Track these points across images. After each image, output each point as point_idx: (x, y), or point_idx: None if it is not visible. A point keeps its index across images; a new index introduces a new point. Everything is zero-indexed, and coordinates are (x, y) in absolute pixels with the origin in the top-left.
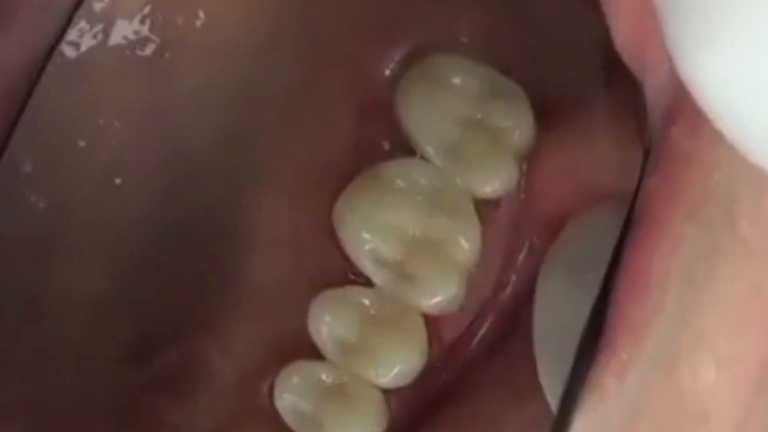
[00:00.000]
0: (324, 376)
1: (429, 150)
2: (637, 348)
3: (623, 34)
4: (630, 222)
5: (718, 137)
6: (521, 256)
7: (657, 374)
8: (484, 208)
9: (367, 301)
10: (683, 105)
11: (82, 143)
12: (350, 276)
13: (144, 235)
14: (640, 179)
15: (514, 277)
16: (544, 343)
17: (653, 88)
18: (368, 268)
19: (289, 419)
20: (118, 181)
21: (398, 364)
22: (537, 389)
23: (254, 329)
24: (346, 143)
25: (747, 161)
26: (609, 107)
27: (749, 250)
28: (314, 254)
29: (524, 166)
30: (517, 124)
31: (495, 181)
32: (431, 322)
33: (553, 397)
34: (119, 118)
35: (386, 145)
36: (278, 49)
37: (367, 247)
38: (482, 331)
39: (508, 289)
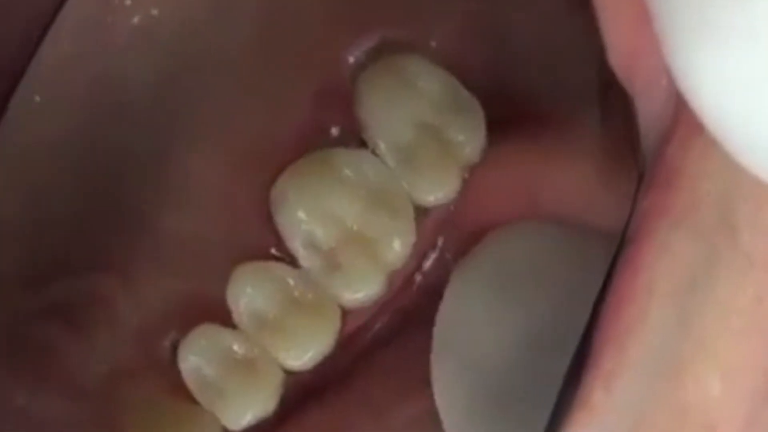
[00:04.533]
0: (235, 346)
1: (381, 145)
2: (622, 356)
3: (617, 49)
4: (622, 245)
5: (708, 150)
6: (431, 261)
7: (659, 384)
8: (416, 212)
9: (291, 281)
10: (678, 125)
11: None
12: (273, 252)
13: (60, 160)
14: (633, 203)
15: (419, 279)
16: (444, 342)
17: (647, 113)
18: (299, 250)
19: (190, 380)
20: (37, 98)
21: (311, 349)
22: (426, 387)
23: (168, 283)
24: (297, 122)
25: (744, 173)
26: (587, 131)
27: (751, 261)
28: (244, 223)
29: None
30: (469, 140)
31: (439, 191)
32: None
33: (441, 397)
34: (54, 33)
35: (335, 132)
36: (241, 11)
37: (303, 228)
38: (379, 325)
39: (412, 289)
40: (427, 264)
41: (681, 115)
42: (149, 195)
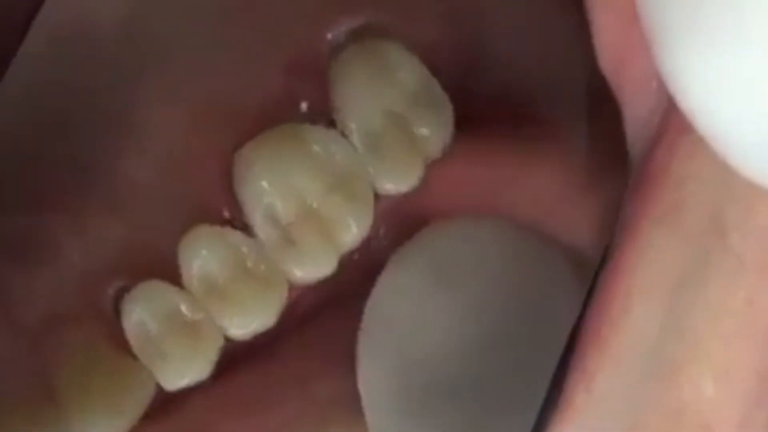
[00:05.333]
0: (183, 307)
1: (352, 128)
2: (603, 356)
3: (607, 50)
4: (607, 248)
5: (695, 150)
6: (371, 243)
7: (650, 385)
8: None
9: (245, 250)
10: (667, 130)
11: None
12: (227, 217)
13: (20, 94)
14: (620, 207)
15: (356, 258)
16: (372, 326)
17: (637, 119)
18: (256, 219)
19: (132, 334)
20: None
21: (255, 321)
22: (350, 365)
23: (117, 231)
24: (268, 90)
25: (734, 175)
26: (567, 140)
27: (742, 263)
28: (202, 184)
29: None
30: (434, 135)
31: (402, 183)
32: None
33: (363, 380)
34: None
35: (304, 107)
36: None
37: (264, 199)
38: (312, 299)
39: (348, 269)
40: (366, 246)
41: (671, 119)
42: (108, 139)
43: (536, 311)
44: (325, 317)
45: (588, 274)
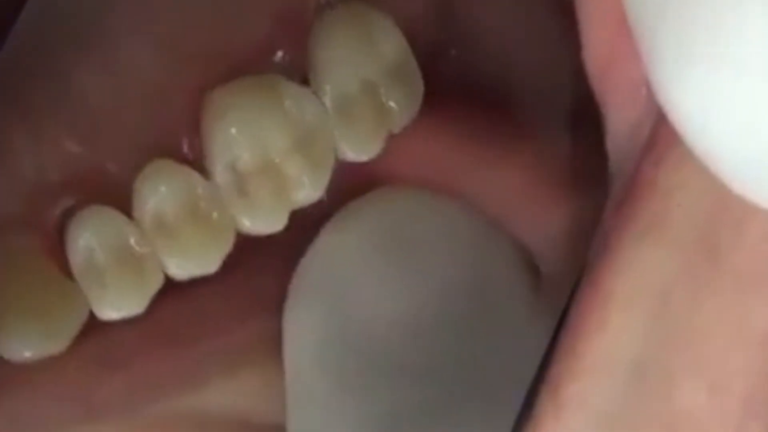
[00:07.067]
0: (131, 240)
1: (326, 88)
2: (577, 364)
3: (595, 52)
4: (586, 263)
5: (683, 162)
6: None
7: (642, 398)
8: None
9: (201, 192)
10: (655, 142)
11: None
12: (185, 152)
13: None
14: (599, 222)
15: (306, 212)
16: (307, 273)
17: (623, 128)
18: (217, 164)
19: (75, 258)
20: None
21: (198, 267)
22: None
23: (74, 147)
24: (247, 37)
25: (723, 188)
26: (545, 142)
27: (734, 277)
28: (167, 119)
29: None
30: (404, 111)
31: (363, 152)
32: None
33: (288, 326)
34: None
35: (279, 58)
36: None
37: (231, 146)
38: (252, 240)
39: (293, 219)
40: (316, 205)
41: (660, 130)
42: (71, 52)
43: (480, 303)
44: (266, 259)
45: (540, 285)
